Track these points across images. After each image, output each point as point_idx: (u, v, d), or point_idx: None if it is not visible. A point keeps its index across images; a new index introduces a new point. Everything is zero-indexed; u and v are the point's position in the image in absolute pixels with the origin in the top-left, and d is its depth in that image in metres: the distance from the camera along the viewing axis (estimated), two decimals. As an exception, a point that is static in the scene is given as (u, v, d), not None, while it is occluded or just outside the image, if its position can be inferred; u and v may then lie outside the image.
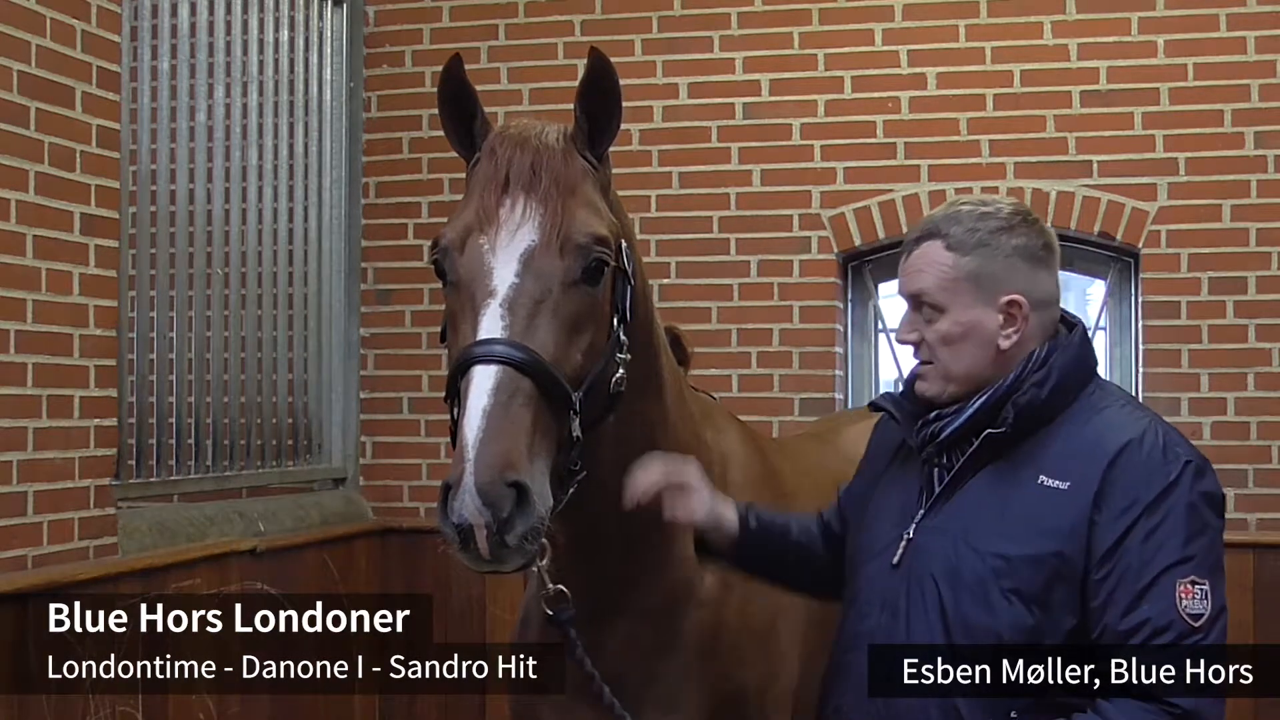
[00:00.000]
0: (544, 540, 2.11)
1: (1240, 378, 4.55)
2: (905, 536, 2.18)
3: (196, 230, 4.22)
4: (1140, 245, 4.64)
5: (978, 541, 2.10)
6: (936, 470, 2.20)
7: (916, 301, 2.18)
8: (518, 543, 1.88)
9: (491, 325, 1.98)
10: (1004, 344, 2.14)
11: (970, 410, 2.15)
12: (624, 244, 2.19)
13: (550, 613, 2.22)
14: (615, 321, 2.15)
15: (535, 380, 1.95)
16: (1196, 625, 1.99)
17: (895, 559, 2.18)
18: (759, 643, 2.57)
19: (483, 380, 1.93)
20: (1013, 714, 2.05)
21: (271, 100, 4.62)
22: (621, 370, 2.15)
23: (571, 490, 2.08)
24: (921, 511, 2.19)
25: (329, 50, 5.00)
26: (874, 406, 2.35)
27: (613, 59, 5.22)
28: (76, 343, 3.50)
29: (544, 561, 2.15)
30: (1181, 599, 1.99)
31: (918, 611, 2.13)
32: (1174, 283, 4.61)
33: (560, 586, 2.21)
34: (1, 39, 3.26)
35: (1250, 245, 4.57)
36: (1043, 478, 2.08)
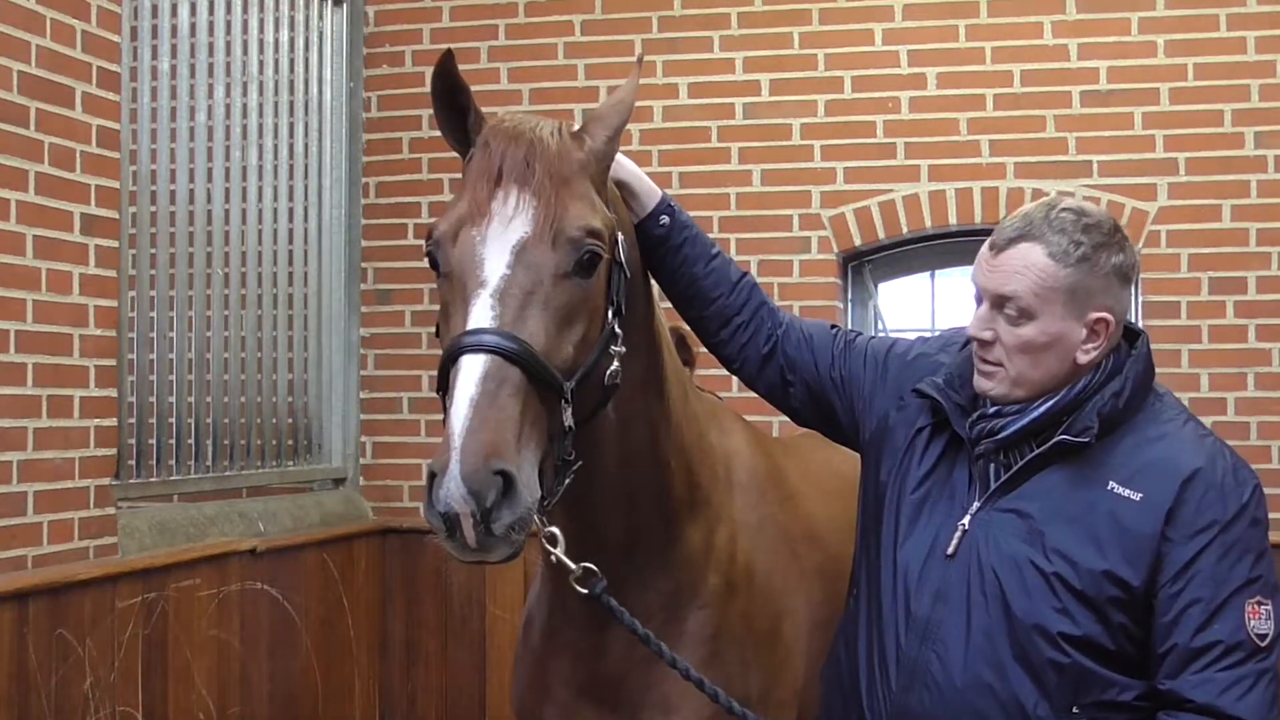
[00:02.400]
0: (555, 531, 2.12)
1: (1240, 378, 4.55)
2: (961, 527, 2.18)
3: (196, 230, 4.22)
4: (1140, 245, 4.64)
5: (1043, 539, 2.11)
6: (993, 465, 2.20)
7: (1000, 300, 2.15)
8: (504, 532, 1.87)
9: (481, 315, 1.98)
10: (1083, 358, 2.14)
11: (1035, 414, 2.15)
12: (620, 237, 2.19)
13: (584, 591, 2.19)
14: (610, 314, 2.14)
15: (525, 370, 1.94)
16: (1263, 645, 2.04)
17: (950, 549, 2.18)
18: (763, 646, 2.56)
19: (471, 369, 1.92)
20: (1074, 709, 2.07)
21: (271, 100, 4.61)
22: (616, 363, 2.15)
23: (568, 480, 2.08)
24: (977, 504, 2.19)
25: (329, 50, 5.00)
26: (918, 393, 2.32)
27: (613, 59, 5.23)
28: (76, 343, 3.50)
29: (559, 549, 2.13)
30: (1250, 619, 2.04)
31: (978, 603, 2.13)
32: (1174, 283, 4.61)
33: (587, 564, 2.19)
34: (1, 39, 3.26)
35: (1250, 245, 4.57)
36: (1113, 484, 2.10)
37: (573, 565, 2.16)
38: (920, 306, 5.14)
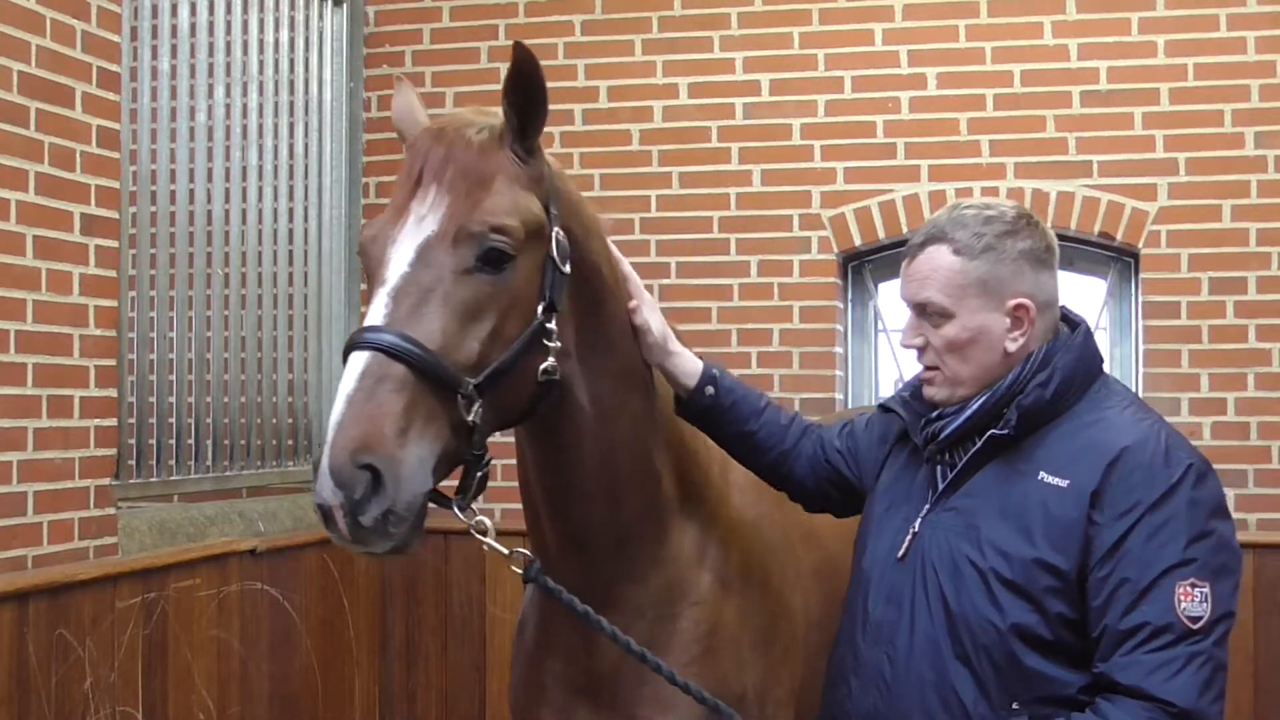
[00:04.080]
0: (484, 520, 2.14)
1: (1240, 378, 4.56)
2: (911, 531, 2.22)
3: (196, 230, 4.22)
4: (1140, 245, 4.64)
5: (978, 535, 2.13)
6: (940, 467, 2.23)
7: (921, 308, 2.20)
8: (373, 524, 1.90)
9: (376, 313, 2.01)
10: (1011, 347, 2.17)
11: (969, 411, 2.19)
12: (557, 234, 2.18)
13: (520, 573, 2.24)
14: (540, 309, 2.13)
15: (409, 365, 1.95)
16: (1195, 628, 2.00)
17: (901, 552, 2.22)
18: (758, 644, 2.56)
19: (354, 366, 1.96)
20: (1014, 705, 2.07)
21: (271, 100, 4.62)
22: (552, 359, 2.15)
23: (480, 475, 2.09)
24: (926, 506, 2.23)
25: (329, 50, 5.00)
26: (883, 408, 2.40)
27: (613, 59, 5.23)
28: (76, 343, 3.50)
29: (489, 537, 2.15)
30: (1180, 601, 2.00)
31: (921, 604, 2.16)
32: (1174, 283, 4.61)
33: (520, 550, 2.23)
34: (1, 39, 3.26)
35: (1250, 245, 4.57)
36: (1043, 474, 2.11)
37: (504, 550, 2.19)
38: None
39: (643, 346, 2.42)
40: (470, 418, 2.01)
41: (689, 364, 2.46)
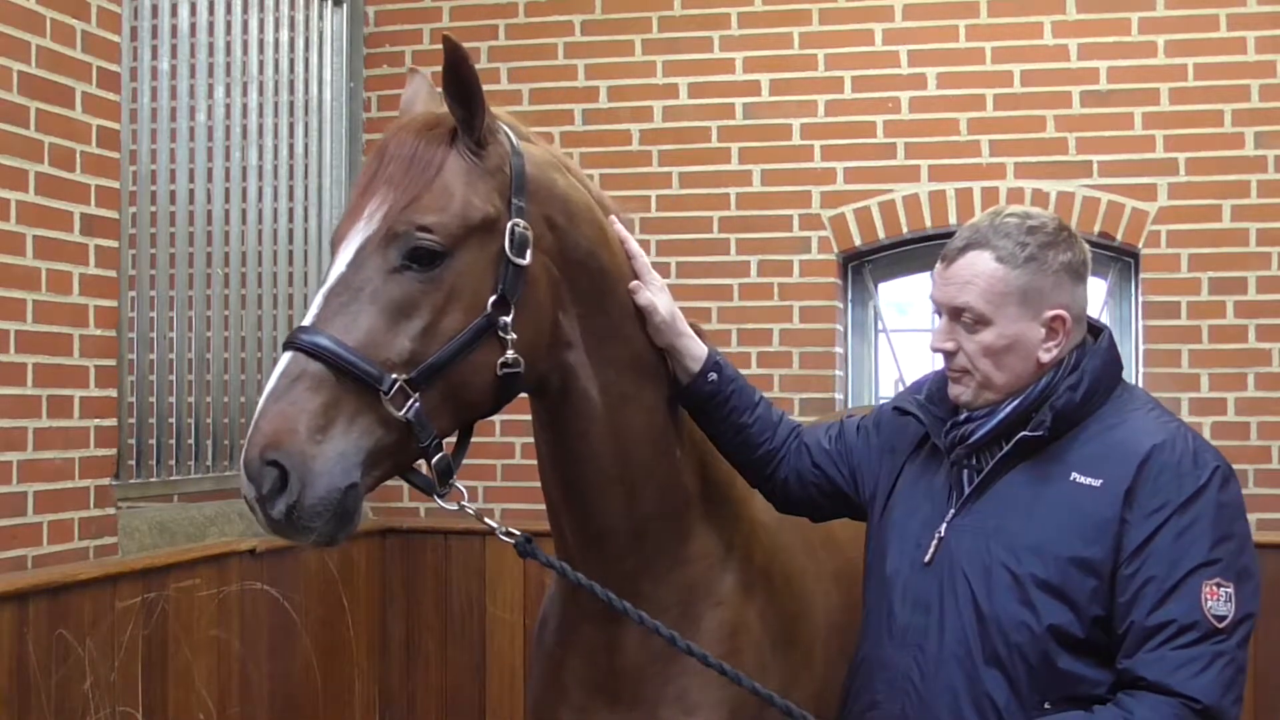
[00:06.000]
0: (462, 490, 2.18)
1: (1240, 378, 4.56)
2: (937, 535, 2.22)
3: (196, 230, 4.22)
4: (1140, 245, 4.64)
5: (1011, 538, 2.13)
6: (966, 471, 2.23)
7: (956, 311, 2.19)
8: (280, 518, 1.94)
9: (309, 314, 2.06)
10: (1045, 357, 2.18)
11: (1001, 415, 2.19)
12: (515, 226, 2.15)
13: (510, 539, 2.28)
14: (491, 303, 2.11)
15: (326, 363, 1.98)
16: (1221, 626, 2.03)
17: (927, 557, 2.22)
18: (779, 647, 2.55)
19: (278, 365, 2.02)
20: (1046, 705, 2.08)
21: (271, 100, 4.62)
22: (511, 352, 2.12)
23: (435, 461, 2.11)
24: (952, 511, 2.22)
25: (329, 50, 5.00)
26: (899, 410, 2.39)
27: (613, 59, 5.23)
28: (76, 343, 3.50)
29: (471, 510, 2.23)
30: (1207, 600, 2.03)
31: (951, 608, 2.16)
32: (1174, 283, 4.61)
33: (511, 530, 2.26)
34: (1, 39, 3.26)
35: (1250, 245, 4.57)
36: (1075, 475, 2.12)
37: (494, 524, 2.25)
38: (920, 306, 5.15)
39: (649, 328, 2.41)
40: (402, 414, 2.01)
41: (695, 348, 2.46)
